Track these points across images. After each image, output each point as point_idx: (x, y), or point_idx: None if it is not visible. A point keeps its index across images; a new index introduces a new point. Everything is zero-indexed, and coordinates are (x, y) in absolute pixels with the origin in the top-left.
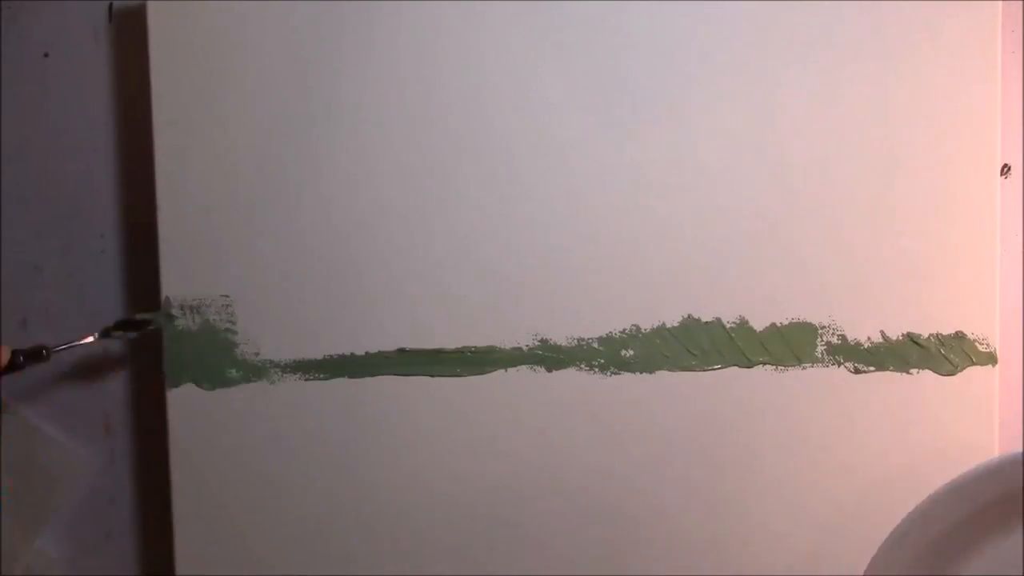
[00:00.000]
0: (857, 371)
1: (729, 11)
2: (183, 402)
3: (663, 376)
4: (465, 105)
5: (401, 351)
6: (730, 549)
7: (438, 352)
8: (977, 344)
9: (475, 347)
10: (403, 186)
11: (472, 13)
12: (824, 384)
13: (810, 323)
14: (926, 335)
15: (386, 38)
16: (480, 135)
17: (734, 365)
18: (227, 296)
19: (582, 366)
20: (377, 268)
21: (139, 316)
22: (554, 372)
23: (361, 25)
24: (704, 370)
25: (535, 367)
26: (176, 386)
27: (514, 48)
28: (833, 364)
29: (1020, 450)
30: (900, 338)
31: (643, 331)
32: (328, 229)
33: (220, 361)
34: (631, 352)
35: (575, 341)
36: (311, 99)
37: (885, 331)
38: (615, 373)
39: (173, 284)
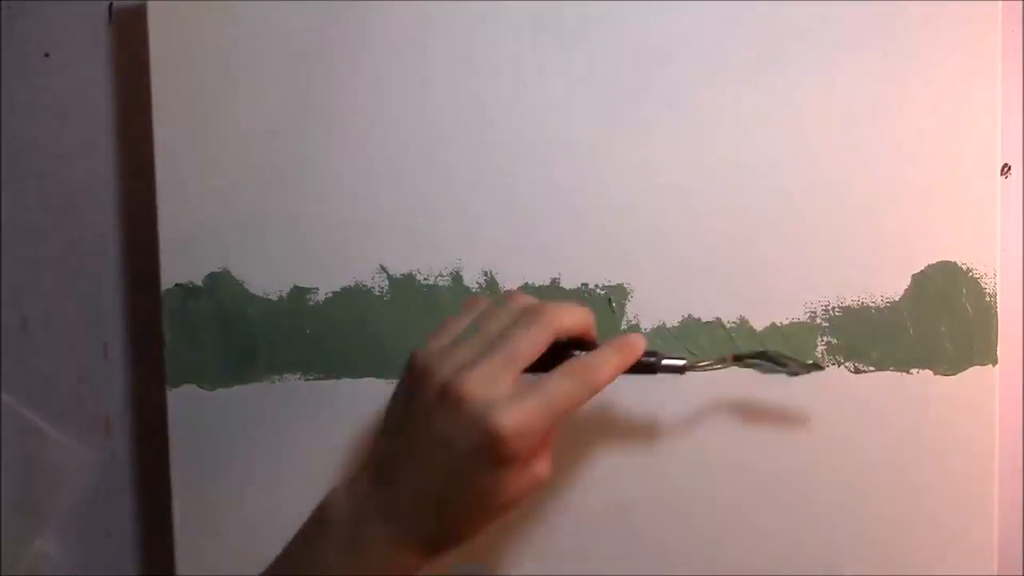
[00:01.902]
0: (857, 371)
1: (729, 12)
2: (183, 402)
3: (663, 376)
4: (464, 105)
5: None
6: (730, 548)
7: None
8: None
9: None
10: (402, 187)
11: (470, 14)
12: (824, 384)
13: (810, 323)
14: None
15: (385, 38)
16: (479, 135)
17: (734, 365)
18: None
19: None
20: (376, 268)
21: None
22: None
23: (360, 25)
24: (704, 370)
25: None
26: (176, 386)
27: (514, 47)
28: (833, 364)
29: None
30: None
31: (643, 331)
32: (328, 227)
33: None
34: None
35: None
36: (310, 99)
37: None
38: None
39: (173, 284)
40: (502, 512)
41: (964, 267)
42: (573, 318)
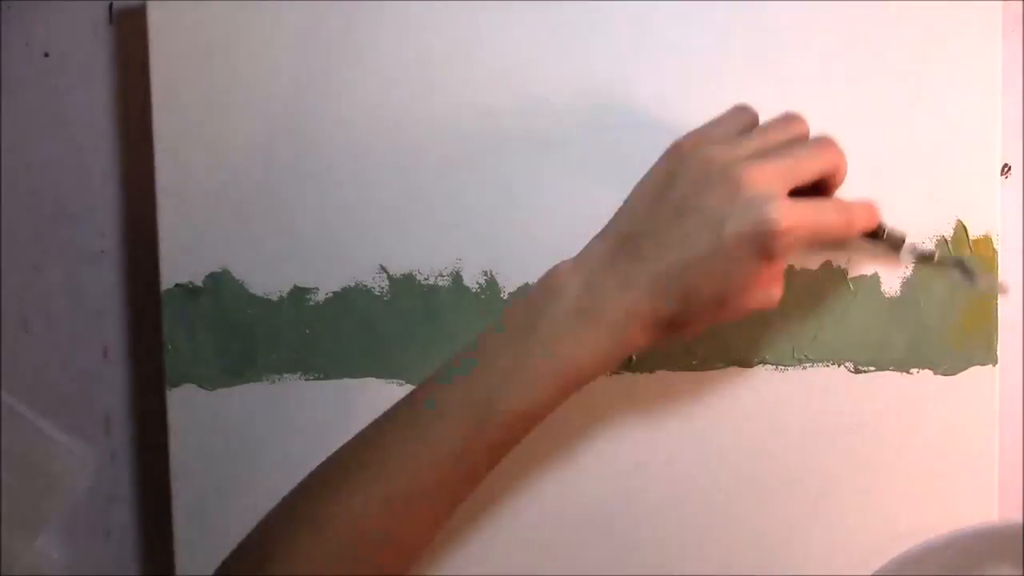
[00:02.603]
0: (857, 371)
1: (729, 12)
2: (183, 402)
3: (663, 376)
4: (464, 105)
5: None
6: (730, 549)
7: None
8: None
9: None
10: (402, 187)
11: (470, 14)
12: (824, 384)
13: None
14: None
15: (385, 38)
16: (479, 135)
17: (734, 365)
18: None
19: None
20: (376, 268)
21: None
22: None
23: (360, 24)
24: (704, 370)
25: None
26: (176, 386)
27: (514, 48)
28: (833, 364)
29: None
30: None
31: None
32: (328, 227)
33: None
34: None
35: None
36: (311, 98)
37: None
38: (615, 373)
39: (173, 284)
40: (730, 313)
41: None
42: (846, 165)
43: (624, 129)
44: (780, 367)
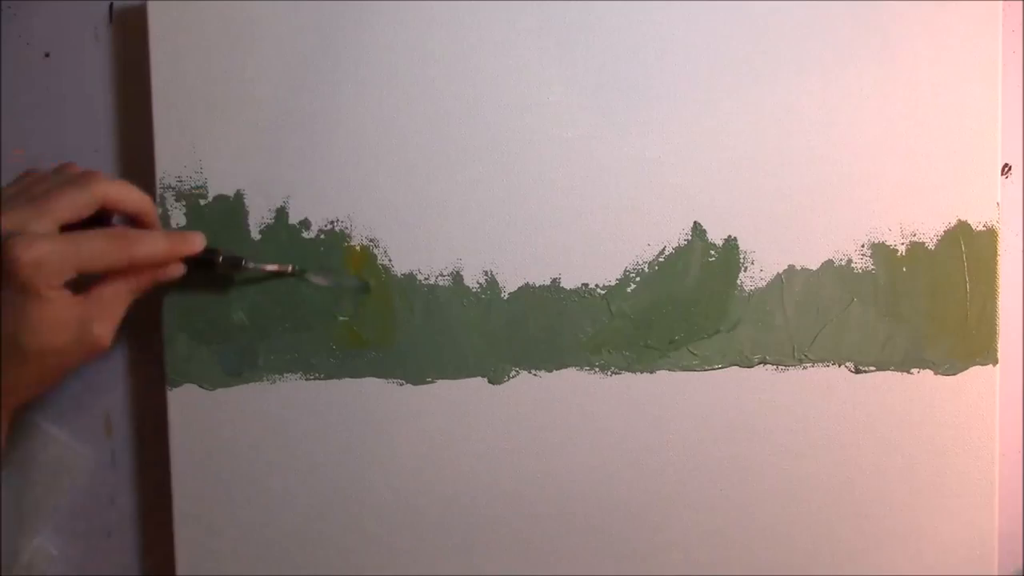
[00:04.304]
0: (857, 371)
1: (729, 12)
2: (183, 402)
3: (663, 376)
4: (464, 105)
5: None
6: (730, 549)
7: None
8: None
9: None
10: (403, 186)
11: (471, 14)
12: (824, 384)
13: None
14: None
15: (385, 37)
16: (479, 135)
17: (734, 365)
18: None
19: (582, 366)
20: (377, 268)
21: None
22: (554, 372)
23: (361, 24)
24: (704, 370)
25: (535, 368)
26: (176, 386)
27: (515, 47)
28: (833, 364)
29: None
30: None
31: None
32: (327, 228)
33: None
34: (631, 352)
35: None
36: (311, 99)
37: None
38: (615, 373)
39: (173, 290)
40: (48, 366)
41: (965, 266)
42: (121, 190)
43: (624, 129)
44: (780, 367)
